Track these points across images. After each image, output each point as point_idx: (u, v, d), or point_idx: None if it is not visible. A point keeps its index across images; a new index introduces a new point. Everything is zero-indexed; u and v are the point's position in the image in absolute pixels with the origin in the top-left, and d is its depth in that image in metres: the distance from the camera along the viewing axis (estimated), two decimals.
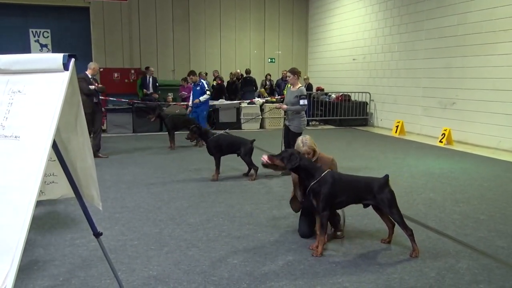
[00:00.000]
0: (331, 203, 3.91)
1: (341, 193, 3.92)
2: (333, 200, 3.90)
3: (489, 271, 3.63)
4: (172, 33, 16.85)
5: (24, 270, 3.50)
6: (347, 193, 3.95)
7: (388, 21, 13.29)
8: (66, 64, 2.16)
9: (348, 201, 4.02)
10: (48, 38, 15.91)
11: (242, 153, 6.73)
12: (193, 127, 7.12)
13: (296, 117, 6.89)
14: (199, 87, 10.26)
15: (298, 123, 6.88)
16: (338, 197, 3.91)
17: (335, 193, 3.89)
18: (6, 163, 2.13)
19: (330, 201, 3.88)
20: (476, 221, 4.88)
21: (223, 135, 6.97)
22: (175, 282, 3.39)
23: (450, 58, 10.85)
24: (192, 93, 10.59)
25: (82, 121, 2.51)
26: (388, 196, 3.90)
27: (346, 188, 3.95)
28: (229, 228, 4.62)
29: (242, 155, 6.75)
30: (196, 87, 10.34)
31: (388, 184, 3.95)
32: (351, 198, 4.00)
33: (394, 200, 3.93)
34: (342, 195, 3.93)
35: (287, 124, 7.04)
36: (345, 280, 3.43)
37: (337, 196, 3.91)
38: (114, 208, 5.25)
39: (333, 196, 3.89)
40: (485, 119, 9.89)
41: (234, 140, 6.94)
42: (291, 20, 18.30)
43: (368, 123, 14.38)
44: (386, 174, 4.01)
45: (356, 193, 3.99)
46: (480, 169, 7.69)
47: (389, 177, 3.99)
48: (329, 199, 3.86)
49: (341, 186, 3.92)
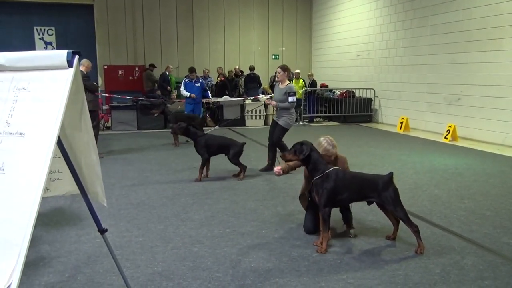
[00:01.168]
0: (332, 200, 3.90)
1: (344, 190, 3.91)
2: (335, 197, 3.90)
3: (495, 267, 3.61)
4: (176, 30, 16.86)
5: (30, 266, 3.52)
6: (350, 190, 3.94)
7: (393, 17, 13.22)
8: (70, 61, 2.16)
9: (351, 198, 4.02)
10: (52, 35, 15.96)
11: (231, 155, 6.58)
12: (180, 124, 6.86)
13: (284, 113, 6.85)
14: (198, 83, 10.45)
15: (287, 118, 6.86)
16: (341, 194, 3.91)
17: (337, 190, 3.88)
18: (12, 160, 2.14)
19: (331, 197, 3.87)
20: (481, 218, 4.86)
21: (211, 136, 6.82)
22: (180, 278, 3.40)
23: (455, 54, 10.79)
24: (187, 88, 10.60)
25: (86, 118, 2.51)
26: (392, 194, 3.89)
27: (349, 185, 3.94)
28: (233, 224, 4.63)
29: (230, 157, 6.59)
30: (195, 83, 10.45)
31: (392, 182, 3.94)
32: (355, 195, 4.00)
33: (398, 198, 3.92)
34: (346, 192, 3.92)
35: (275, 119, 7.03)
36: (350, 277, 3.43)
37: (340, 193, 3.90)
38: (119, 205, 5.27)
39: (336, 193, 3.88)
40: (491, 115, 9.84)
41: (223, 141, 6.77)
42: (295, 16, 18.25)
43: (373, 119, 14.33)
44: (391, 172, 4.00)
45: (360, 190, 3.98)
46: (485, 165, 7.65)
47: (393, 175, 3.97)
48: (331, 195, 3.86)
49: (345, 183, 3.92)
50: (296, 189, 6.02)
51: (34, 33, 15.79)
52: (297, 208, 5.15)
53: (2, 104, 2.27)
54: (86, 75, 7.79)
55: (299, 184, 6.26)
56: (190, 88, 10.47)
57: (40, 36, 15.88)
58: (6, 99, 2.27)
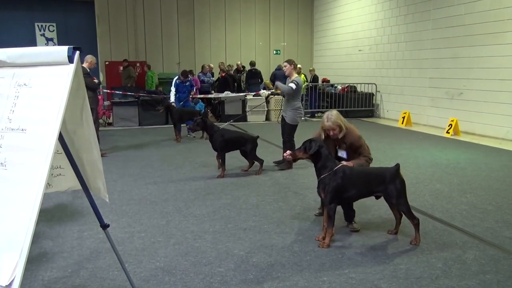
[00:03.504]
0: (339, 197, 3.89)
1: (351, 187, 3.89)
2: (341, 194, 3.88)
3: (496, 261, 3.61)
4: (177, 26, 16.83)
5: (33, 261, 3.54)
6: (357, 187, 3.92)
7: (394, 11, 13.16)
8: (71, 56, 2.16)
9: (360, 194, 3.99)
10: (53, 32, 15.97)
11: (249, 150, 6.60)
12: (197, 119, 7.00)
13: (290, 108, 6.83)
14: (188, 82, 10.64)
15: (293, 114, 6.84)
16: (347, 191, 3.89)
17: (345, 187, 3.86)
18: (14, 156, 2.15)
19: (338, 194, 3.86)
20: (483, 212, 4.86)
21: (227, 131, 6.84)
22: (182, 273, 3.41)
23: (457, 48, 10.74)
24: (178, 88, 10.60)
25: (88, 114, 2.52)
26: (398, 186, 3.87)
27: (357, 182, 3.92)
28: (235, 220, 4.64)
29: (248, 151, 6.62)
30: (185, 83, 10.56)
31: (399, 174, 3.92)
32: (363, 191, 3.97)
33: (404, 190, 3.91)
34: (353, 189, 3.90)
35: (283, 115, 7.02)
36: (352, 271, 3.44)
37: (347, 190, 3.88)
38: (121, 201, 5.28)
39: (342, 191, 3.87)
40: (493, 109, 9.81)
41: (240, 136, 6.85)
42: (296, 11, 18.19)
43: (374, 114, 14.31)
44: (397, 163, 3.98)
45: (367, 186, 3.96)
46: (487, 159, 7.64)
47: (400, 166, 3.96)
48: (337, 192, 3.85)
49: (352, 180, 3.89)
50: (298, 184, 6.03)
51: (36, 29, 15.80)
52: (299, 203, 5.16)
53: (4, 100, 2.27)
54: (87, 72, 7.56)
55: (301, 179, 6.29)
56: (181, 88, 10.50)
57: (42, 32, 15.89)
58: (7, 95, 2.27)
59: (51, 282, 3.27)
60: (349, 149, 4.29)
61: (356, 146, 4.27)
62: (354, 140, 4.25)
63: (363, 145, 4.30)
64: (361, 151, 4.27)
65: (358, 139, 4.27)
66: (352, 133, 4.29)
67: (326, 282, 3.27)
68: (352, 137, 4.26)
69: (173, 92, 10.34)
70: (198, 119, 7.01)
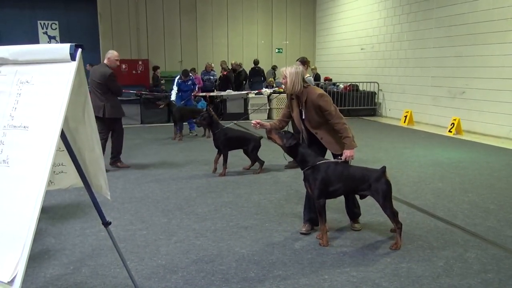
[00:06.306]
0: (325, 191, 3.85)
1: (336, 181, 3.85)
2: (327, 188, 3.84)
3: (498, 260, 3.61)
4: (179, 24, 16.82)
5: (35, 259, 3.55)
6: (342, 182, 3.87)
7: (397, 10, 13.13)
8: (73, 54, 2.17)
9: (344, 190, 3.94)
10: (56, 30, 15.98)
11: (250, 149, 6.58)
12: (204, 114, 6.83)
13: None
14: (190, 81, 10.60)
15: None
16: (333, 185, 3.85)
17: (329, 181, 3.83)
18: (16, 153, 2.15)
19: (324, 188, 3.83)
20: (485, 211, 4.85)
21: (231, 129, 6.80)
22: (183, 271, 3.41)
23: (460, 47, 10.71)
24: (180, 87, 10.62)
25: (90, 112, 2.52)
26: (383, 187, 3.80)
27: (341, 176, 3.87)
28: (237, 218, 4.64)
29: (249, 150, 6.60)
30: (187, 82, 10.55)
31: (385, 175, 3.85)
32: (347, 187, 3.91)
33: (389, 192, 3.84)
34: (338, 183, 3.86)
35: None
36: (353, 270, 3.44)
37: (332, 184, 3.85)
38: (123, 198, 5.29)
39: (328, 184, 3.83)
40: (495, 108, 9.78)
41: (243, 135, 6.82)
42: (298, 10, 18.16)
43: (377, 113, 14.28)
44: (383, 166, 3.91)
45: (352, 182, 3.90)
46: (489, 158, 7.62)
47: (386, 169, 3.89)
48: (323, 186, 3.82)
49: (336, 174, 3.86)
50: (299, 183, 6.03)
51: (38, 27, 15.81)
52: (300, 202, 5.15)
53: (6, 98, 2.28)
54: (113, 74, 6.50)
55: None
56: (183, 87, 10.51)
57: (44, 30, 15.90)
58: (10, 93, 2.28)
59: (53, 279, 3.28)
60: (313, 111, 4.00)
61: (322, 109, 3.95)
62: (313, 99, 3.94)
63: (331, 111, 3.96)
64: (329, 117, 3.96)
65: (317, 98, 3.93)
66: (311, 92, 3.99)
67: (327, 280, 3.27)
68: (311, 96, 3.94)
69: (174, 91, 10.33)
70: (205, 113, 6.84)
